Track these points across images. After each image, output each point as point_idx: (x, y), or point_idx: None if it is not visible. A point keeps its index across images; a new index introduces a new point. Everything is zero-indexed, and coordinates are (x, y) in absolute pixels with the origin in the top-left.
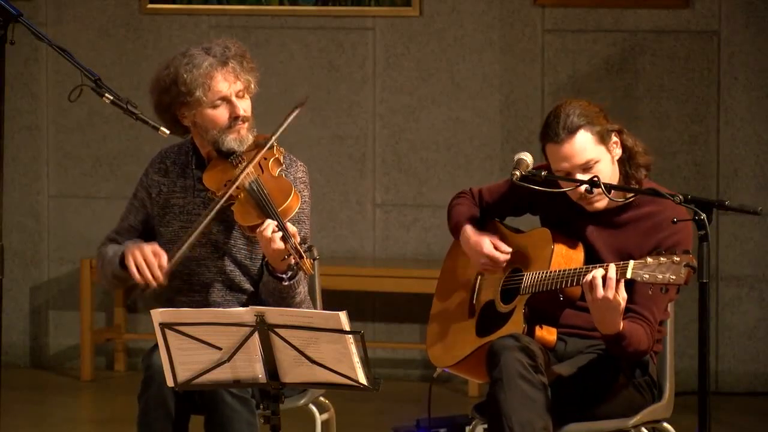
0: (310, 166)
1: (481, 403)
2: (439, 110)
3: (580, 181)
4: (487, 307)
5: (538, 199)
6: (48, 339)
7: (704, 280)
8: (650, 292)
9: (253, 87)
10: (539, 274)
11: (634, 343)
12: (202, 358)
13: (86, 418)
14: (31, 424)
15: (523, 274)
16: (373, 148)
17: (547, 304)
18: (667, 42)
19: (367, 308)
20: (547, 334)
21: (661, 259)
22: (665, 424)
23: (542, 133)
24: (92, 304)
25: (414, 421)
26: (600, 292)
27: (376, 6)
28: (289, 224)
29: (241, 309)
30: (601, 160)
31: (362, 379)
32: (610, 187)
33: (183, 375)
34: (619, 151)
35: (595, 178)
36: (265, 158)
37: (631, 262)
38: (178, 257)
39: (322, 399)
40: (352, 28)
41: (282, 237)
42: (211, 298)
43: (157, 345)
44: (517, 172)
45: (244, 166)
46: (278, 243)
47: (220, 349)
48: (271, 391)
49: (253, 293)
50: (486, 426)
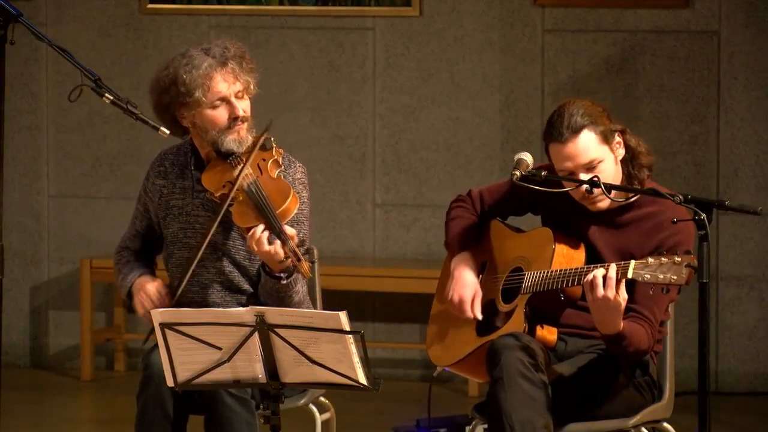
0: (310, 166)
1: (481, 403)
2: (439, 110)
3: (580, 181)
4: (488, 307)
5: (539, 199)
6: (48, 339)
7: (704, 280)
8: (651, 292)
9: (252, 88)
10: (540, 273)
11: (634, 343)
12: (202, 358)
13: (86, 418)
14: (31, 424)
15: (524, 274)
16: (373, 148)
17: (548, 304)
18: (667, 42)
19: (367, 308)
20: (548, 333)
21: (663, 259)
22: (665, 424)
23: (545, 132)
24: (92, 304)
25: (414, 421)
26: (600, 292)
27: (376, 6)
28: (287, 227)
29: (241, 309)
30: (604, 159)
31: (362, 379)
32: (609, 187)
33: (183, 375)
34: (622, 152)
35: (595, 178)
36: (264, 159)
37: (632, 262)
38: (182, 289)
39: (322, 399)
40: (352, 28)
41: (270, 239)
42: (210, 299)
43: (157, 345)
44: (517, 172)
45: (240, 170)
46: (266, 246)
47: (220, 349)
48: (271, 391)
49: (252, 294)
50: (486, 426)
